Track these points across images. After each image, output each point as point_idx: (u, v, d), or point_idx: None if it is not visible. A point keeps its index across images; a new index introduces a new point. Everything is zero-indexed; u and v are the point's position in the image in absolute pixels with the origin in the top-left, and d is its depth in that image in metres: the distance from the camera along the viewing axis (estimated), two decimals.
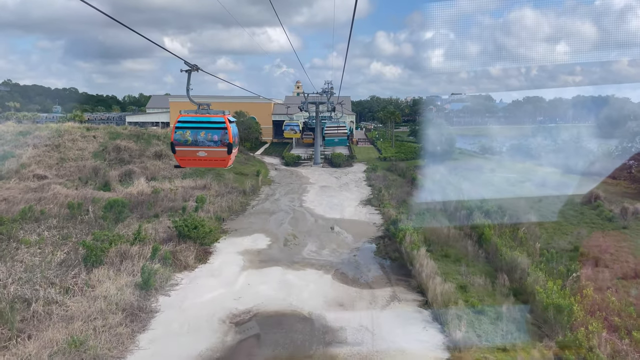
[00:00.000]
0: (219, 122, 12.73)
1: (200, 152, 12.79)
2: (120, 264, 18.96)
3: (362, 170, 48.50)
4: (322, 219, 28.57)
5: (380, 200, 32.98)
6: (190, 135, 12.67)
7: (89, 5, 8.24)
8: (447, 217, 28.33)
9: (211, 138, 12.73)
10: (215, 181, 36.90)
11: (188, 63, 12.34)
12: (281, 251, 22.29)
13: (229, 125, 12.74)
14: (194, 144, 12.67)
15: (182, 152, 12.94)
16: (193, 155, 12.87)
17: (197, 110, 13.13)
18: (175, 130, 13.00)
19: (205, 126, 12.71)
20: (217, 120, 12.75)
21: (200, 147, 12.77)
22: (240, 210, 30.59)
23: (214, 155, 12.85)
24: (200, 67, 12.56)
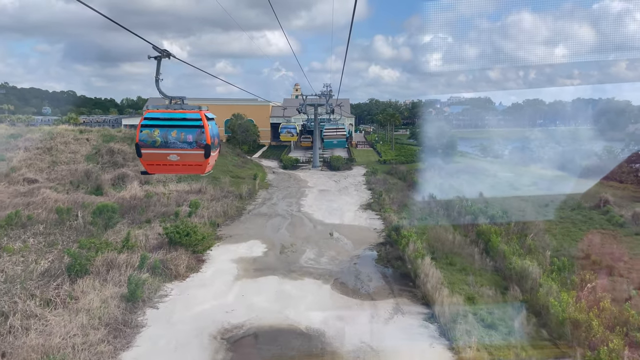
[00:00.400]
0: (193, 119, 10.58)
1: (171, 155, 10.69)
2: (106, 273, 17.88)
3: (362, 174, 47.47)
4: (320, 225, 27.51)
5: (380, 204, 31.93)
6: (159, 135, 10.57)
7: (88, 6, 7.89)
8: (450, 222, 27.28)
9: (185, 139, 10.59)
10: (210, 185, 35.82)
11: (157, 48, 10.45)
12: (278, 259, 21.22)
13: (206, 123, 10.56)
14: (164, 145, 10.57)
15: (149, 156, 10.82)
16: (163, 159, 10.72)
17: (168, 106, 10.99)
18: (140, 129, 10.79)
19: (178, 124, 10.61)
20: (191, 117, 10.60)
21: (171, 150, 10.65)
22: (236, 215, 29.51)
23: (188, 160, 10.70)
24: (171, 54, 10.65)
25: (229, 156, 47.61)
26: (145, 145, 10.73)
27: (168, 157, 10.65)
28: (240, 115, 66.21)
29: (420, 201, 32.54)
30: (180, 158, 10.65)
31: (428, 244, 21.31)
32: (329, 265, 20.52)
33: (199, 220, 26.23)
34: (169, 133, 10.56)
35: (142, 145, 10.83)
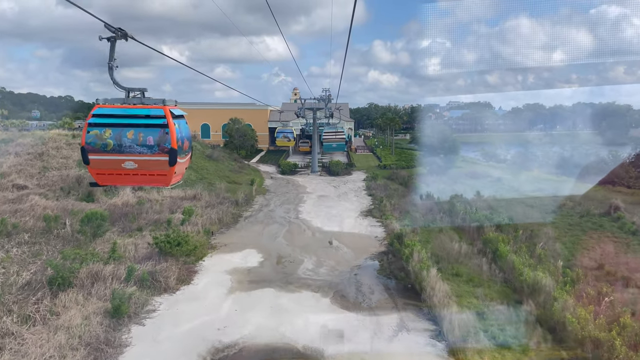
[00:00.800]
0: (156, 116, 8.43)
1: (127, 162, 8.56)
2: (91, 286, 16.78)
3: (362, 179, 46.42)
4: (319, 232, 26.41)
5: (381, 211, 30.85)
6: (111, 136, 8.43)
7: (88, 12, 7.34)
8: (455, 229, 26.21)
9: (144, 141, 8.42)
10: (206, 191, 34.74)
11: (110, 27, 8.50)
12: (274, 270, 20.10)
13: (171, 121, 8.39)
14: (118, 150, 8.43)
15: (99, 163, 8.54)
16: (116, 167, 8.56)
17: (125, 100, 8.85)
18: (87, 130, 8.53)
19: (135, 122, 8.45)
20: (153, 114, 8.45)
21: (126, 156, 8.50)
22: (232, 223, 28.40)
23: (148, 168, 8.55)
24: (128, 34, 8.58)
25: (226, 161, 46.56)
26: (93, 149, 8.50)
27: (123, 165, 8.54)
28: (237, 120, 65.23)
29: (422, 207, 31.47)
30: (138, 166, 8.53)
31: (432, 253, 20.21)
32: (328, 276, 19.43)
33: (193, 229, 25.14)
34: (123, 134, 8.44)
35: (89, 150, 8.59)
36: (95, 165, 8.65)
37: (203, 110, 73.08)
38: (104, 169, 8.65)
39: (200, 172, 39.52)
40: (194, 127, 73.38)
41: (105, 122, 8.50)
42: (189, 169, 37.50)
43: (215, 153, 44.89)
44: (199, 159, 42.37)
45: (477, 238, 23.99)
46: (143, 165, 8.49)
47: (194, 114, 74.79)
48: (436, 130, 46.62)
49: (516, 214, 28.92)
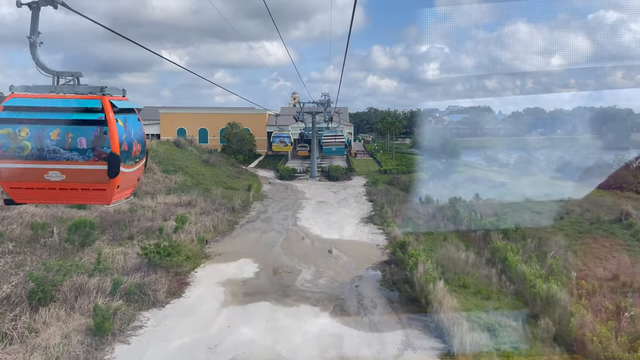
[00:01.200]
0: (90, 109, 6.50)
1: (51, 172, 6.41)
2: (74, 300, 15.70)
3: (362, 184, 45.39)
4: (318, 240, 25.35)
5: (383, 217, 29.80)
6: (29, 137, 6.32)
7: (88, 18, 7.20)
8: (460, 237, 25.16)
9: (74, 144, 6.37)
10: (202, 197, 33.70)
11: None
12: (271, 281, 19.03)
13: (111, 116, 6.44)
14: (38, 156, 6.36)
15: (12, 174, 6.47)
16: (37, 179, 6.48)
17: (52, 87, 6.89)
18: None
19: (62, 117, 6.43)
20: (86, 106, 6.52)
21: (50, 164, 6.39)
22: (228, 230, 27.34)
23: (80, 180, 6.49)
24: None
25: (223, 166, 45.54)
26: (4, 154, 6.36)
27: (45, 176, 6.40)
28: (235, 124, 64.20)
29: (425, 213, 30.44)
30: (66, 177, 6.41)
31: (438, 263, 19.15)
32: (327, 287, 18.36)
33: (186, 237, 24.08)
34: (46, 134, 6.31)
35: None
36: (8, 176, 6.47)
37: (201, 115, 72.15)
38: (19, 182, 6.53)
39: (196, 178, 38.49)
40: (191, 131, 72.45)
41: (20, 118, 6.36)
42: (185, 174, 35.79)
43: (212, 158, 43.89)
44: (195, 164, 41.37)
45: (483, 246, 22.95)
46: (73, 177, 6.40)
47: (191, 118, 73.84)
48: (438, 134, 45.69)
49: (522, 220, 27.91)
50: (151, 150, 40.47)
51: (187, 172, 38.77)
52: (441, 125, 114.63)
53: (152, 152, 40.21)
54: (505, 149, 56.82)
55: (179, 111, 74.42)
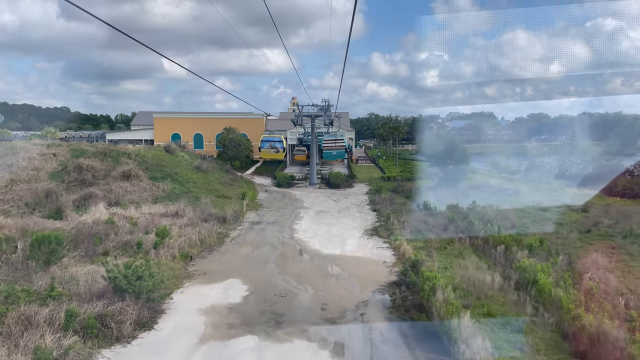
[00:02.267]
0: None
1: None
2: (21, 335, 12.89)
3: (364, 192, 42.59)
4: (317, 256, 22.52)
5: (389, 229, 27.00)
6: None
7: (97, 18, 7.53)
8: (477, 252, 22.37)
9: None
10: (191, 206, 30.91)
11: None
12: (261, 308, 16.18)
13: None
14: None
15: None
16: None
17: None
18: None
19: None
20: None
21: None
22: (216, 244, 24.53)
23: None
24: None
25: (216, 173, 42.78)
26: None
27: None
28: (232, 129, 61.49)
29: (435, 224, 27.66)
30: None
31: (456, 286, 16.35)
32: (328, 316, 15.54)
33: (167, 253, 21.30)
34: None
35: None
36: None
37: (196, 120, 69.52)
38: None
39: (186, 185, 35.72)
40: (186, 137, 69.78)
41: None
42: (174, 181, 32.79)
43: (204, 164, 41.12)
44: (186, 171, 38.62)
45: (505, 263, 20.17)
46: None
47: (186, 123, 71.15)
48: (443, 139, 42.95)
49: (544, 232, 25.19)
50: (138, 156, 37.80)
51: (176, 179, 36.01)
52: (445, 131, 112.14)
53: (139, 157, 37.54)
54: (514, 155, 54.04)
55: (173, 116, 71.75)
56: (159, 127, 69.97)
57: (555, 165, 47.01)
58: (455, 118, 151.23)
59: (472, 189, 37.48)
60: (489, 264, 20.54)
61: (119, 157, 36.77)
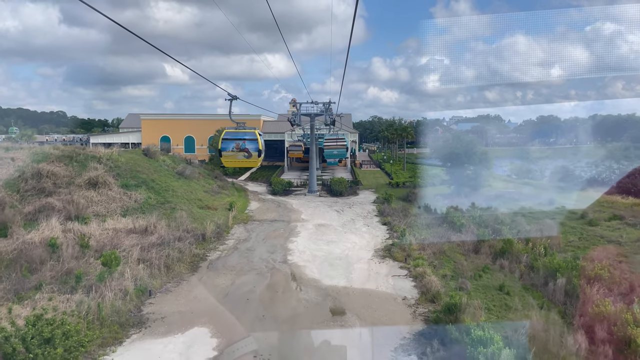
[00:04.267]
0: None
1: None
2: None
3: (371, 201, 37.39)
4: (316, 289, 17.30)
5: (405, 249, 21.81)
6: None
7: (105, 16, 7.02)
8: (524, 285, 17.15)
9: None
10: (165, 219, 25.76)
11: None
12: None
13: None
14: None
15: None
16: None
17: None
18: None
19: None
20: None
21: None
22: (187, 271, 19.34)
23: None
24: None
25: (202, 179, 37.59)
26: None
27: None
28: None
29: (459, 242, 22.50)
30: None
31: (519, 346, 11.12)
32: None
33: (119, 285, 16.13)
34: None
35: None
36: None
37: (187, 121, 64.41)
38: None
39: (164, 195, 30.53)
40: (176, 140, 64.65)
41: None
42: (149, 189, 26.52)
43: (187, 169, 35.94)
44: (165, 177, 33.46)
45: (568, 302, 15.01)
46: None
47: (176, 125, 65.95)
48: (462, 142, 37.76)
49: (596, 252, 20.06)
50: (109, 160, 32.64)
51: (152, 187, 30.82)
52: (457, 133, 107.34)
53: (111, 162, 32.40)
54: (534, 158, 48.82)
55: (162, 117, 66.70)
56: (147, 130, 64.94)
57: (585, 169, 41.83)
58: (460, 121, 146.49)
59: (498, 197, 32.30)
60: (546, 303, 15.34)
61: (87, 162, 31.61)
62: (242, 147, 15.96)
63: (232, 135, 16.21)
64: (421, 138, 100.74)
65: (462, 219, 26.35)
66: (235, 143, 16.08)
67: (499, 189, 36.96)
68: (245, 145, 15.80)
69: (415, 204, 33.79)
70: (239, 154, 16.43)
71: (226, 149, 16.19)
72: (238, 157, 16.61)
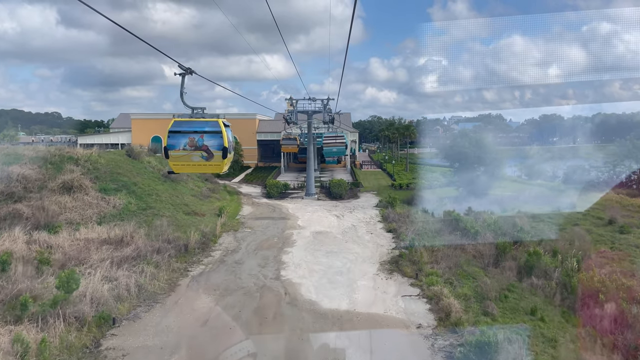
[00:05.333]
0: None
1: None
2: None
3: (373, 205, 34.65)
4: (313, 315, 14.57)
5: (415, 262, 19.10)
6: None
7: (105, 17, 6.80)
8: (561, 308, 14.48)
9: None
10: (144, 227, 23.04)
11: None
12: None
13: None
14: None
15: None
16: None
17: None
18: None
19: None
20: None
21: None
22: (163, 291, 16.59)
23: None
24: None
25: (191, 182, 34.81)
26: None
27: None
28: None
29: (477, 253, 19.81)
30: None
31: None
32: None
33: (76, 312, 13.40)
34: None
35: None
36: None
37: None
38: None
39: (146, 199, 27.76)
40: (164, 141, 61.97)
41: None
42: (130, 194, 22.54)
43: None
44: (150, 180, 30.67)
45: (617, 331, 12.32)
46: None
47: (167, 124, 63.20)
48: (472, 142, 35.06)
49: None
50: (88, 162, 29.85)
51: (134, 191, 28.04)
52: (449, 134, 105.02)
53: (90, 163, 29.62)
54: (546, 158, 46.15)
55: (153, 117, 63.81)
56: (138, 130, 62.09)
57: (603, 169, 39.15)
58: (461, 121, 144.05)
59: (512, 200, 29.60)
60: (591, 332, 12.64)
61: (63, 164, 28.81)
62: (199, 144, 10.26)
63: (185, 126, 10.30)
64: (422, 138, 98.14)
65: (476, 225, 23.66)
66: (189, 138, 10.23)
67: (512, 191, 34.25)
68: (204, 141, 10.20)
69: (422, 208, 31.03)
70: (194, 154, 10.30)
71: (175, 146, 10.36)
72: (193, 158, 10.31)
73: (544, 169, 42.35)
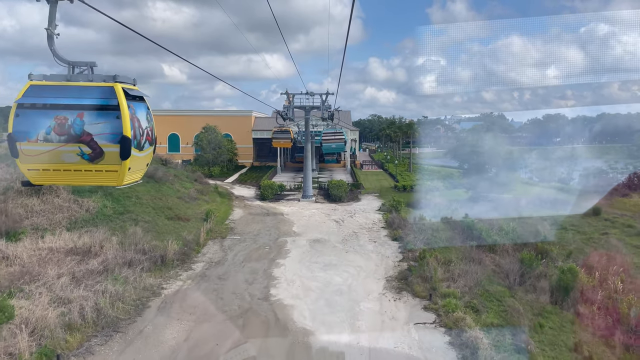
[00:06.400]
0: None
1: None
2: None
3: (376, 208, 31.93)
4: (307, 350, 11.85)
5: (427, 280, 16.38)
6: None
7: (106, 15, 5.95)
8: (621, 345, 11.72)
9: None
10: (118, 235, 20.29)
11: None
12: None
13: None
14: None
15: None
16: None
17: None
18: None
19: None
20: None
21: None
22: (128, 316, 13.85)
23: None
24: None
25: (178, 183, 32.03)
26: None
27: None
28: (211, 128, 50.97)
29: (497, 268, 17.12)
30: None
31: None
32: None
33: (9, 348, 10.68)
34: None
35: None
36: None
37: (171, 118, 58.78)
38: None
39: (124, 202, 25.01)
40: (160, 138, 59.08)
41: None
42: (106, 196, 19.49)
43: (159, 171, 30.43)
44: None
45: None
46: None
47: (159, 121, 60.08)
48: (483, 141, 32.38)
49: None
50: None
51: (110, 193, 25.28)
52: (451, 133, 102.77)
53: None
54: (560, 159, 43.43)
55: None
56: None
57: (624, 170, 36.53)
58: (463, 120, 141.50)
59: (529, 205, 26.90)
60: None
61: None
62: (75, 131, 5.70)
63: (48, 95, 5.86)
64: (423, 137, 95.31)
65: (493, 233, 20.99)
66: (56, 119, 5.68)
67: (526, 194, 31.57)
68: (85, 125, 5.68)
69: (429, 213, 28.28)
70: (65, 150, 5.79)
71: (28, 134, 5.80)
72: (64, 157, 5.84)
73: (558, 170, 39.69)
